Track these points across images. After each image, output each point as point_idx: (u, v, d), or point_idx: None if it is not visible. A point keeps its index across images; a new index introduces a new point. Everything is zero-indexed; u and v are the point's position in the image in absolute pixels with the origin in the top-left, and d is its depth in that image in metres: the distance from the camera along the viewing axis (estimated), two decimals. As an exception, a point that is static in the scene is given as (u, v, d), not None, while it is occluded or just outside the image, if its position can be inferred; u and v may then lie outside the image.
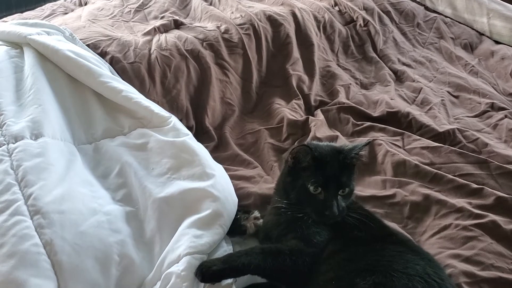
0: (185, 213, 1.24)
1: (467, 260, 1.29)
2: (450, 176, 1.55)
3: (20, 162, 1.22)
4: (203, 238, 1.18)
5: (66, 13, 2.22)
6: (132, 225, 1.25)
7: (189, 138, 1.44)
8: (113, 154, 1.40)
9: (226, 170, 1.47)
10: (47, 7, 2.29)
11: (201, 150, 1.42)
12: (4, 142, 1.27)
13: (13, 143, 1.27)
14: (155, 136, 1.42)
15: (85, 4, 2.32)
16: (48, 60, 1.54)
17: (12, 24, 1.75)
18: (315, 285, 1.08)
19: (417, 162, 1.60)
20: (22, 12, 2.27)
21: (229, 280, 1.11)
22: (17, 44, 1.61)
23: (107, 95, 1.51)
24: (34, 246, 1.08)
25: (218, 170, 1.38)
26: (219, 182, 1.32)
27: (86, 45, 1.74)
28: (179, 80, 1.81)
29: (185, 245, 1.15)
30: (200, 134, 1.73)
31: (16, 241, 1.07)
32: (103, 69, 1.60)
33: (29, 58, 1.53)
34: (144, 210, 1.28)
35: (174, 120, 1.49)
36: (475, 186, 1.51)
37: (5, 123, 1.32)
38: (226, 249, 1.24)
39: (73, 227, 1.14)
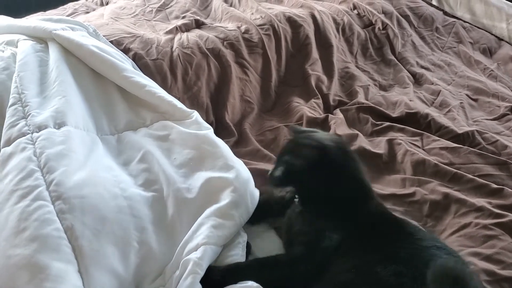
0: (206, 203, 1.25)
1: (487, 258, 1.28)
2: (470, 176, 1.54)
3: (42, 150, 1.24)
4: (220, 229, 1.19)
5: (87, 12, 2.26)
6: (153, 210, 1.25)
7: (211, 132, 1.46)
8: (135, 143, 1.42)
9: (247, 164, 1.47)
10: (69, 6, 2.33)
11: (223, 144, 1.43)
12: (29, 132, 1.29)
13: (37, 132, 1.29)
14: (177, 128, 1.44)
15: (107, 3, 2.36)
16: (72, 55, 1.56)
17: (37, 19, 1.77)
18: (334, 275, 1.09)
19: (436, 162, 1.59)
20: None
21: None
22: (42, 39, 1.63)
23: (130, 90, 1.53)
24: (55, 230, 1.09)
25: (239, 164, 1.39)
26: (240, 175, 1.33)
27: (109, 41, 1.76)
28: (200, 77, 1.83)
29: (203, 234, 1.16)
30: (220, 130, 1.75)
31: (38, 226, 1.08)
32: (126, 64, 1.62)
33: (53, 52, 1.56)
34: (166, 197, 1.28)
35: (196, 115, 1.51)
36: (495, 186, 1.51)
37: (29, 114, 1.34)
38: (240, 240, 1.25)
39: (94, 211, 1.16)
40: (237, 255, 1.20)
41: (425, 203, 1.47)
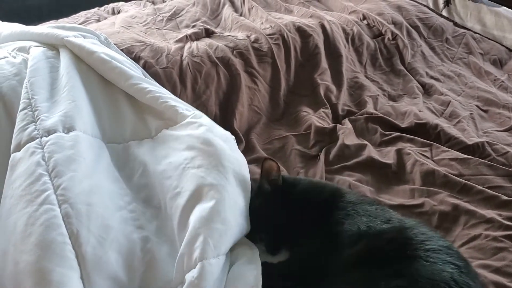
0: (195, 203, 1.20)
1: (497, 271, 1.27)
2: (480, 187, 1.53)
3: (51, 154, 1.24)
4: (217, 238, 1.14)
5: (99, 21, 2.28)
6: (154, 224, 1.25)
7: (207, 129, 1.40)
8: (139, 156, 1.40)
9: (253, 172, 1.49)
10: (81, 15, 2.35)
11: (218, 141, 1.37)
12: (38, 136, 1.29)
13: (46, 136, 1.29)
14: (175, 135, 1.41)
15: (118, 12, 2.38)
16: (83, 62, 1.57)
17: (50, 27, 1.79)
18: (339, 284, 1.09)
19: (445, 173, 1.58)
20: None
21: None
22: (54, 46, 1.64)
23: (136, 96, 1.52)
24: (60, 235, 1.09)
25: (235, 163, 1.34)
26: (234, 174, 1.30)
27: (120, 49, 1.77)
28: (209, 86, 1.84)
29: (200, 248, 1.10)
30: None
31: (43, 231, 1.08)
32: (135, 71, 1.62)
33: (64, 59, 1.56)
34: (164, 210, 1.27)
35: (193, 114, 1.47)
36: (505, 198, 1.49)
37: (39, 118, 1.34)
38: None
39: (99, 220, 1.15)
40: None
41: (434, 214, 1.46)
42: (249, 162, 1.59)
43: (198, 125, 1.42)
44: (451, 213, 1.45)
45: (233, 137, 1.50)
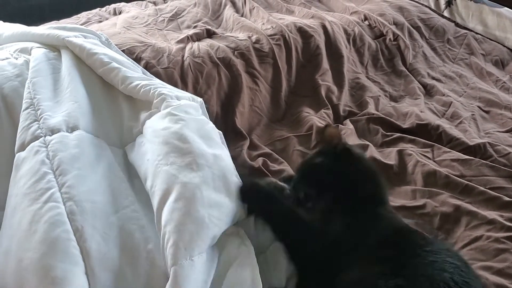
0: (166, 204, 1.16)
1: (499, 272, 1.27)
2: (481, 188, 1.53)
3: (55, 153, 1.23)
4: (187, 239, 1.09)
5: (100, 21, 2.28)
6: (153, 224, 1.25)
7: (184, 124, 1.33)
8: (130, 159, 1.39)
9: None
10: (83, 15, 2.35)
11: (195, 139, 1.30)
12: (41, 135, 1.29)
13: (50, 135, 1.28)
14: (152, 127, 1.36)
15: (120, 13, 2.38)
16: (84, 63, 1.56)
17: (51, 28, 1.79)
18: (339, 283, 1.09)
19: (447, 173, 1.58)
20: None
21: None
22: (55, 47, 1.64)
23: (133, 95, 1.49)
24: (64, 232, 1.08)
25: (212, 162, 1.27)
26: (210, 170, 1.24)
27: (121, 50, 1.77)
28: (211, 86, 1.84)
29: (171, 253, 1.07)
30: (232, 136, 1.75)
31: (47, 228, 1.08)
32: (135, 72, 1.61)
33: (66, 60, 1.56)
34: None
35: (179, 105, 1.40)
36: (507, 199, 1.49)
37: (42, 117, 1.33)
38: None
39: (104, 217, 1.15)
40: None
41: (435, 215, 1.46)
42: (255, 158, 1.65)
43: (178, 119, 1.35)
44: (452, 214, 1.45)
45: (219, 132, 1.44)
